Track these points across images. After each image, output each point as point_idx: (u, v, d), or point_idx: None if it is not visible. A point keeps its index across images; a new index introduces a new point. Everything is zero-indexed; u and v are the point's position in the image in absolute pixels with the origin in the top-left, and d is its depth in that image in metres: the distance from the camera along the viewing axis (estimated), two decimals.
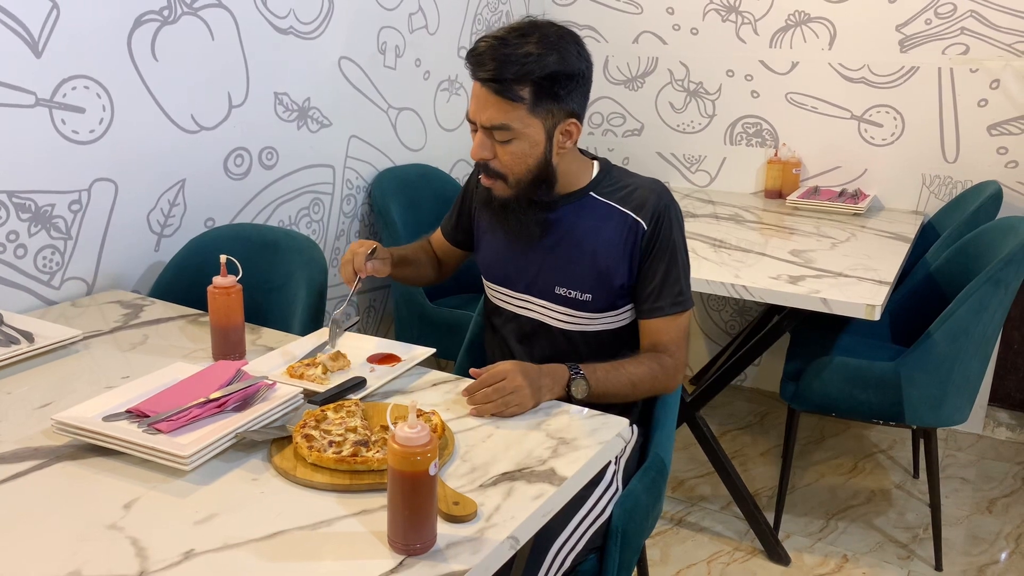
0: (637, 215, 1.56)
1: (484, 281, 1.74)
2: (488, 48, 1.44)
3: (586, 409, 1.40)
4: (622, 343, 1.63)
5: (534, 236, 1.59)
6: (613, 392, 1.51)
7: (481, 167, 1.54)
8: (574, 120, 1.51)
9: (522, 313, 1.66)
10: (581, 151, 1.63)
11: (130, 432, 1.22)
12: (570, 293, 1.59)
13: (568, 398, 1.46)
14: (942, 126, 3.01)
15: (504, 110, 1.45)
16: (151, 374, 1.40)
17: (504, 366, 1.40)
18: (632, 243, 1.55)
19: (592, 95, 3.57)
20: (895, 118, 3.08)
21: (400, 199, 2.82)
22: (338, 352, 1.52)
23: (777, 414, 3.25)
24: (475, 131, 1.51)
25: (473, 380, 1.42)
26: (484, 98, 1.46)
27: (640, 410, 1.70)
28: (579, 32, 1.54)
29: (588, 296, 1.58)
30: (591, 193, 1.59)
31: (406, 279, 1.80)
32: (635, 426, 1.64)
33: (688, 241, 1.63)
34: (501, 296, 1.69)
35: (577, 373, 1.47)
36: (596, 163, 1.64)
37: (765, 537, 2.39)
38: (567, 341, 1.62)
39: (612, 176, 1.62)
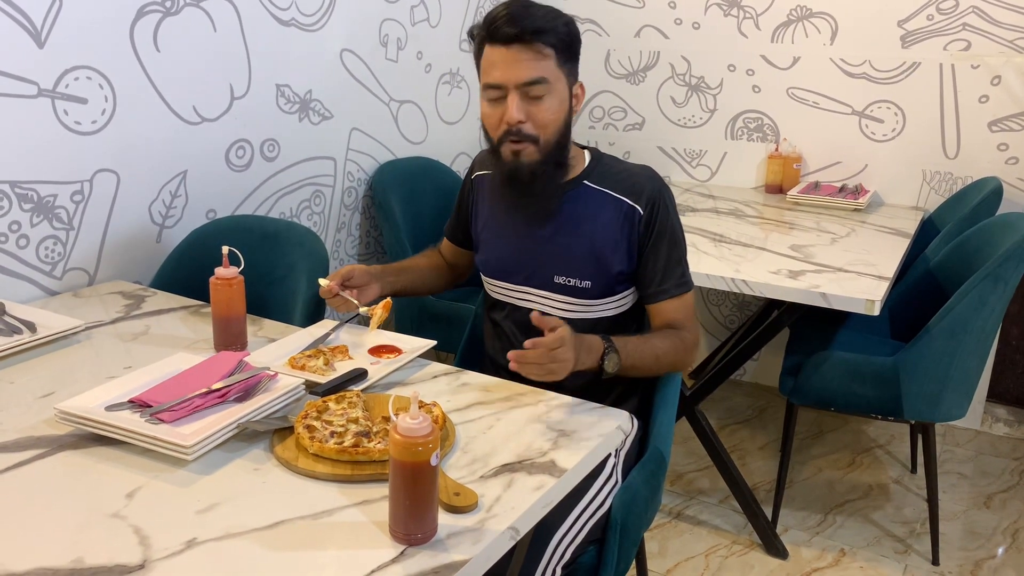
0: (632, 201, 1.58)
1: (483, 277, 1.75)
2: (507, 10, 1.49)
3: (587, 401, 1.40)
4: (622, 329, 1.64)
5: (553, 208, 1.60)
6: (639, 365, 1.53)
7: (512, 133, 1.52)
8: (581, 83, 1.58)
9: (522, 305, 1.67)
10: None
11: (132, 422, 1.22)
12: (569, 281, 1.60)
13: (599, 371, 1.47)
14: (943, 122, 3.01)
15: (538, 62, 1.49)
16: (153, 364, 1.40)
17: (563, 333, 1.35)
18: (629, 229, 1.58)
19: (593, 89, 3.60)
20: (896, 114, 3.08)
21: (401, 192, 2.82)
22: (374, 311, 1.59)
23: (776, 408, 3.25)
24: (495, 100, 1.52)
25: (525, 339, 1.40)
26: (514, 56, 1.48)
27: (639, 402, 1.71)
28: (581, 26, 1.57)
29: (587, 283, 1.59)
30: (585, 181, 1.61)
31: (414, 289, 1.82)
32: (635, 418, 1.65)
33: (688, 236, 1.65)
34: (500, 290, 1.70)
35: (611, 347, 1.48)
36: (587, 152, 1.66)
37: (763, 531, 2.39)
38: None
39: (604, 163, 1.64)
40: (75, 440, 1.24)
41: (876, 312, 2.02)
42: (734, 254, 2.37)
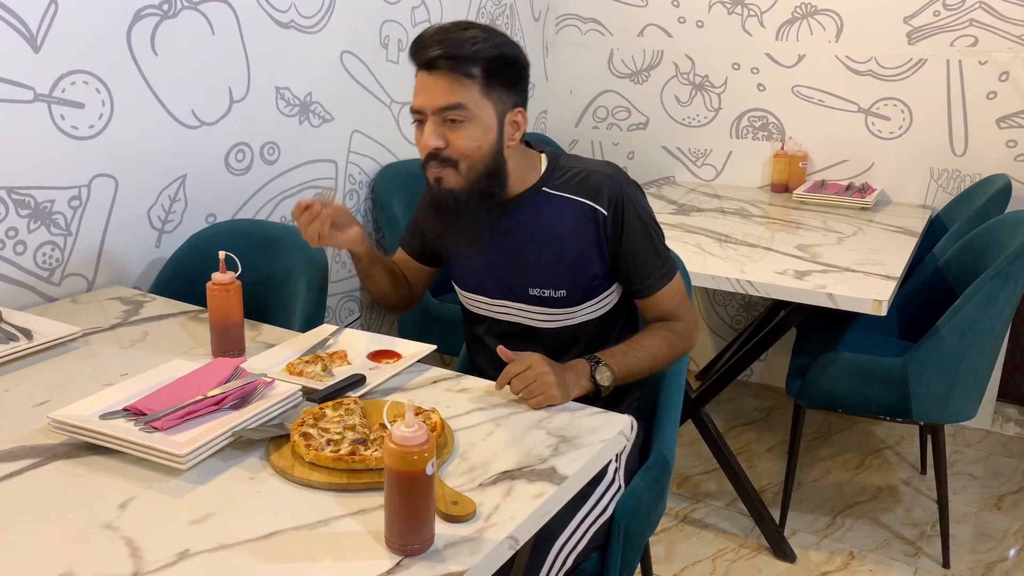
0: (595, 203, 1.54)
1: (459, 292, 1.70)
2: (433, 34, 1.43)
3: (588, 406, 1.38)
4: (608, 328, 1.62)
5: (484, 236, 1.57)
6: (636, 369, 1.51)
7: (431, 157, 1.48)
8: (521, 110, 1.50)
9: (503, 318, 1.64)
10: (527, 143, 1.60)
11: (126, 430, 1.21)
12: (544, 292, 1.57)
13: (596, 391, 1.45)
14: (950, 119, 2.98)
15: (457, 89, 1.42)
16: (149, 371, 1.38)
17: (530, 357, 1.38)
18: (596, 231, 1.54)
19: (597, 88, 3.58)
20: (903, 111, 3.05)
21: (403, 194, 2.80)
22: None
23: (783, 410, 3.22)
24: (418, 126, 1.47)
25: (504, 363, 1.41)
26: (434, 82, 1.43)
27: (638, 403, 1.68)
28: (583, 26, 1.54)
29: (563, 292, 1.56)
30: (544, 188, 1.56)
31: (379, 281, 1.71)
32: (635, 418, 1.63)
33: (693, 236, 1.62)
34: (479, 304, 1.66)
35: (597, 362, 1.46)
36: (543, 156, 1.60)
37: (771, 534, 2.37)
38: (553, 338, 1.59)
39: (561, 167, 1.58)
40: (69, 449, 1.22)
41: (883, 312, 2.00)
42: (740, 254, 2.34)
